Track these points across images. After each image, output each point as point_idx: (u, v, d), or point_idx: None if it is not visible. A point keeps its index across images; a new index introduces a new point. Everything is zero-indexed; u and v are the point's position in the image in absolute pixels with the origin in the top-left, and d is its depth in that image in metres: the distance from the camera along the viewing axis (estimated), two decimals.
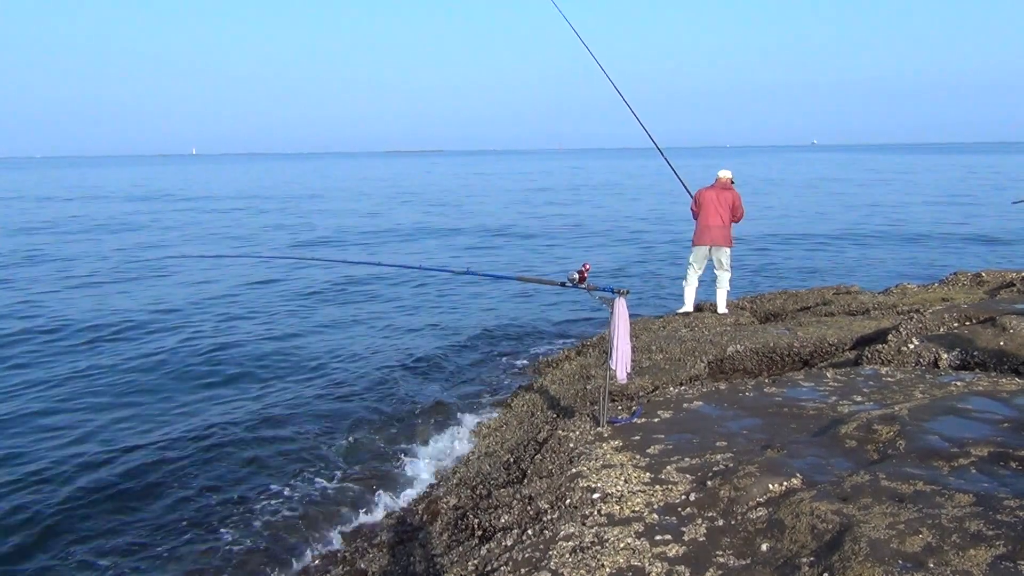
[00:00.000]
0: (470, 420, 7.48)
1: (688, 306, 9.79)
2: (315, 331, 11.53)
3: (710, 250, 9.47)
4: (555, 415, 6.39)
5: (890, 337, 6.79)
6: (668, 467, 4.35)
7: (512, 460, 5.69)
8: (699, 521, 3.69)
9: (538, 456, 5.13)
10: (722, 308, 9.68)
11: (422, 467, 6.45)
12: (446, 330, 11.50)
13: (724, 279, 9.61)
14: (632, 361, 5.31)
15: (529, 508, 4.28)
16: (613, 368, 5.05)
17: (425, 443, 6.94)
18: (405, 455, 6.73)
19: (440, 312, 12.85)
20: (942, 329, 6.74)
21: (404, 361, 9.76)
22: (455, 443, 6.89)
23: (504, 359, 9.86)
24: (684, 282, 9.83)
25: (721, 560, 3.34)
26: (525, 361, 9.67)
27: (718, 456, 4.44)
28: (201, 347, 10.44)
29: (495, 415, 7.43)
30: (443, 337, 11.04)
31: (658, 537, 3.58)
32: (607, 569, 3.35)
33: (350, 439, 7.14)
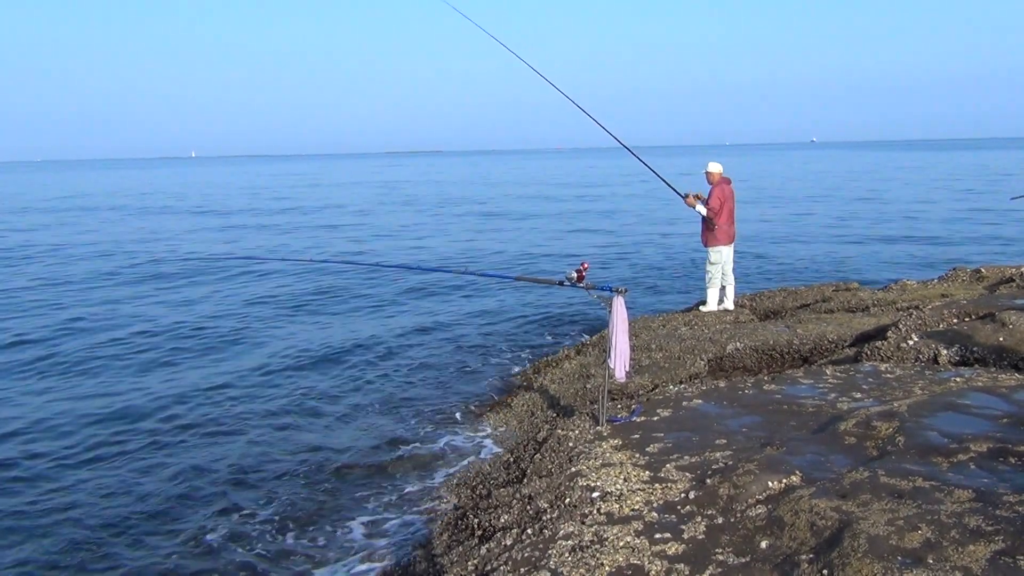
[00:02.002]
0: (469, 420, 7.47)
1: (723, 304, 9.63)
2: (308, 332, 11.52)
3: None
4: (555, 414, 6.39)
5: (889, 334, 6.79)
6: (667, 465, 4.35)
7: (512, 459, 5.68)
8: (698, 519, 3.69)
9: (538, 455, 5.13)
10: (730, 304, 9.67)
11: (420, 468, 6.43)
12: (444, 330, 11.49)
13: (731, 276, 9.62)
14: (631, 360, 5.31)
15: (529, 507, 4.27)
16: (612, 367, 5.05)
17: (422, 444, 6.93)
18: (402, 456, 6.71)
19: (438, 312, 12.84)
20: (941, 325, 6.73)
21: (401, 362, 9.75)
22: (454, 444, 6.88)
23: (503, 359, 9.85)
24: (713, 288, 9.49)
25: (721, 558, 3.34)
26: (524, 361, 9.66)
27: (717, 454, 4.43)
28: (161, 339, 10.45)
29: (495, 415, 7.42)
30: (441, 338, 11.03)
31: (657, 535, 3.58)
32: (607, 568, 3.35)
33: (346, 440, 7.12)
